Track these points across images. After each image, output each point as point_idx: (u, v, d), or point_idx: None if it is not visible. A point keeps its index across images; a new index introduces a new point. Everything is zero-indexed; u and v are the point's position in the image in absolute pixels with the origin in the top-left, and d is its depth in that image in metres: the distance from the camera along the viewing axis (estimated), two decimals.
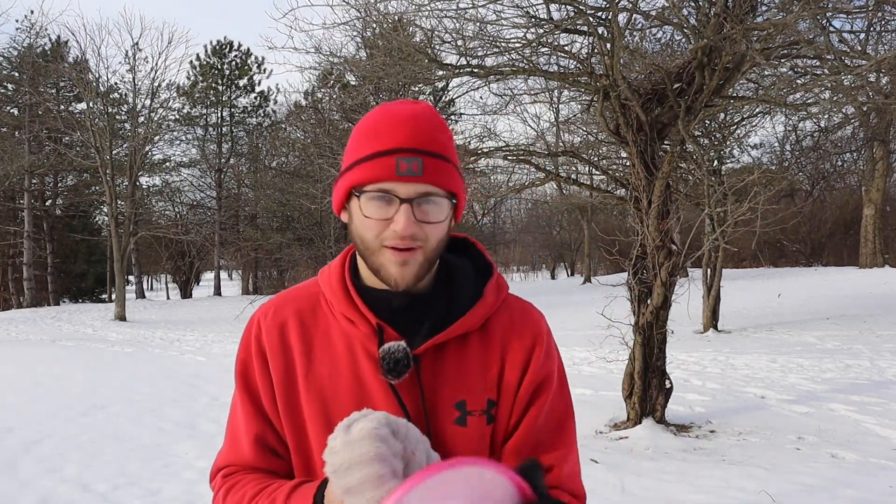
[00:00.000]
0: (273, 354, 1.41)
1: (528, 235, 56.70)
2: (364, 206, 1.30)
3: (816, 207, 35.10)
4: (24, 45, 34.43)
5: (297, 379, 1.39)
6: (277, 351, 1.41)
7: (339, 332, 1.40)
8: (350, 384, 1.36)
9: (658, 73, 6.87)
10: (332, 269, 1.46)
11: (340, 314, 1.40)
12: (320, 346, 1.41)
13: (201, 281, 53.79)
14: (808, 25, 7.13)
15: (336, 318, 1.41)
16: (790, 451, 6.24)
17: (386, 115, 1.34)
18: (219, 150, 41.35)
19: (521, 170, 17.00)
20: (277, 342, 1.42)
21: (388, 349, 1.31)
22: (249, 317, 1.52)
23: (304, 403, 1.38)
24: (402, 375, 1.30)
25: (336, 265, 1.46)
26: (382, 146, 1.29)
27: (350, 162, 1.34)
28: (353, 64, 11.34)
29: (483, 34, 7.96)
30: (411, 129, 1.30)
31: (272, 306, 1.48)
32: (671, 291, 7.00)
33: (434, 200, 1.30)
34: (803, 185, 33.15)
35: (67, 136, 30.54)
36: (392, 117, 1.32)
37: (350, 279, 1.41)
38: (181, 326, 22.46)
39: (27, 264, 34.28)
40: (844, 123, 15.86)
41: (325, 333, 1.42)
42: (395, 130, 1.30)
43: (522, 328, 1.45)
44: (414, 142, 1.29)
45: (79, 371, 11.68)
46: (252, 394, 1.44)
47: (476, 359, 1.39)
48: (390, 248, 1.29)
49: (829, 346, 12.37)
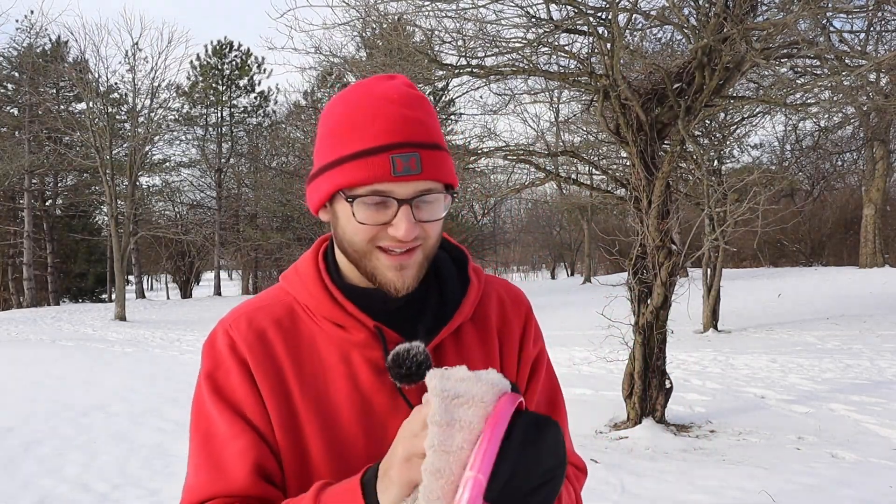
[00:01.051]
0: (257, 364, 1.22)
1: (529, 235, 56.73)
2: (357, 210, 1.14)
3: (816, 207, 35.11)
4: (24, 45, 34.45)
5: (292, 392, 1.21)
6: (262, 360, 1.22)
7: (326, 340, 1.24)
8: (349, 395, 1.21)
9: (658, 72, 6.87)
10: (304, 271, 1.29)
11: (325, 320, 1.24)
12: (308, 357, 1.23)
13: (201, 281, 53.81)
14: (808, 25, 7.14)
15: (320, 324, 1.24)
16: (790, 450, 6.24)
17: (366, 98, 1.18)
18: (219, 149, 41.38)
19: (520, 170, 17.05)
20: (260, 351, 1.23)
21: (407, 352, 1.16)
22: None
23: (305, 422, 1.20)
24: (421, 380, 1.12)
25: (307, 266, 1.30)
26: (373, 141, 1.14)
27: (333, 158, 1.17)
28: (352, 64, 11.33)
29: (483, 34, 7.96)
30: (402, 118, 1.15)
31: (242, 315, 1.27)
32: (671, 291, 7.00)
33: (433, 198, 1.17)
34: (803, 184, 33.18)
35: (67, 136, 30.53)
36: (375, 102, 1.17)
37: (331, 280, 1.26)
38: (181, 326, 22.46)
39: (27, 264, 34.29)
40: (844, 123, 15.88)
41: (311, 343, 1.24)
42: (383, 120, 1.15)
43: (514, 307, 1.38)
44: (408, 133, 1.14)
45: (79, 371, 11.68)
46: (236, 409, 1.21)
47: (475, 348, 1.30)
48: (385, 252, 1.17)
49: (829, 345, 12.37)
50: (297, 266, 1.32)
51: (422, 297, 1.27)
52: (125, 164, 28.43)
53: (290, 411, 1.21)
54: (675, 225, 7.41)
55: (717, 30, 6.27)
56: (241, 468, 1.17)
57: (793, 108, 8.69)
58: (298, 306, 1.28)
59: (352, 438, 1.20)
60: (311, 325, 1.25)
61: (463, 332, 1.30)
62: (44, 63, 32.94)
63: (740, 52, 6.23)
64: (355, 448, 1.20)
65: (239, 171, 42.25)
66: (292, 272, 1.32)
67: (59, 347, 15.52)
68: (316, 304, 1.24)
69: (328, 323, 1.24)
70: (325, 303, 1.23)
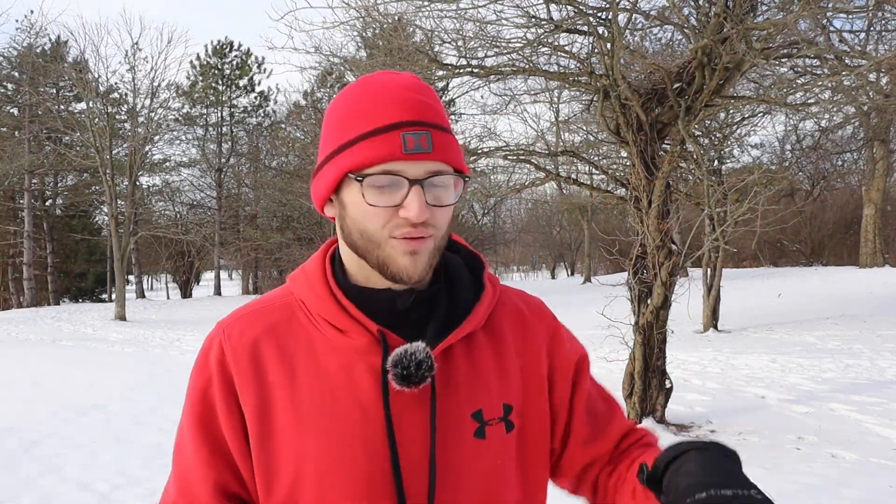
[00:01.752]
0: (244, 383, 1.17)
1: (529, 235, 56.76)
2: (367, 192, 1.10)
3: (817, 207, 35.11)
4: (24, 45, 34.45)
5: (278, 408, 1.15)
6: (249, 379, 1.17)
7: (326, 346, 1.17)
8: (351, 407, 1.14)
9: (658, 72, 6.87)
10: (310, 271, 1.24)
11: (326, 323, 1.18)
12: (304, 368, 1.17)
13: (201, 281, 53.83)
14: (808, 25, 7.13)
15: (320, 329, 1.19)
16: (790, 450, 6.24)
17: (374, 86, 1.16)
18: (219, 149, 41.37)
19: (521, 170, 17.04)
20: (248, 367, 1.18)
21: (405, 352, 1.11)
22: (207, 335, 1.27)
23: (294, 440, 1.14)
24: (422, 382, 1.10)
25: (315, 267, 1.25)
26: (383, 120, 1.11)
27: (339, 143, 1.15)
28: (352, 63, 11.34)
29: (483, 34, 7.97)
30: (412, 99, 1.13)
31: (236, 323, 1.23)
32: (671, 291, 7.00)
33: (444, 181, 1.13)
34: (803, 184, 33.16)
35: (67, 136, 30.54)
36: (383, 88, 1.15)
37: (335, 281, 1.21)
38: (181, 326, 22.47)
39: (27, 264, 34.29)
40: (845, 123, 15.88)
41: (309, 350, 1.18)
42: (392, 101, 1.13)
43: (535, 317, 1.34)
44: (418, 113, 1.12)
45: (79, 371, 11.68)
46: (211, 433, 1.19)
47: (488, 359, 1.23)
48: (399, 239, 1.12)
49: (829, 345, 12.37)
50: (305, 266, 1.28)
51: (431, 298, 1.21)
52: (125, 163, 28.44)
53: (271, 428, 1.15)
54: (676, 225, 7.40)
55: (717, 30, 6.27)
56: (205, 493, 1.17)
57: (793, 108, 8.69)
58: (301, 310, 1.22)
59: (350, 451, 1.13)
60: (310, 331, 1.20)
61: (475, 341, 1.23)
62: (43, 63, 32.94)
63: (740, 52, 6.23)
64: (355, 461, 1.13)
65: (239, 170, 42.25)
66: (299, 272, 1.28)
67: (59, 347, 15.53)
68: (319, 304, 1.19)
69: (329, 327, 1.18)
70: (329, 305, 1.18)
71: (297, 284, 1.25)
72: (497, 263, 57.62)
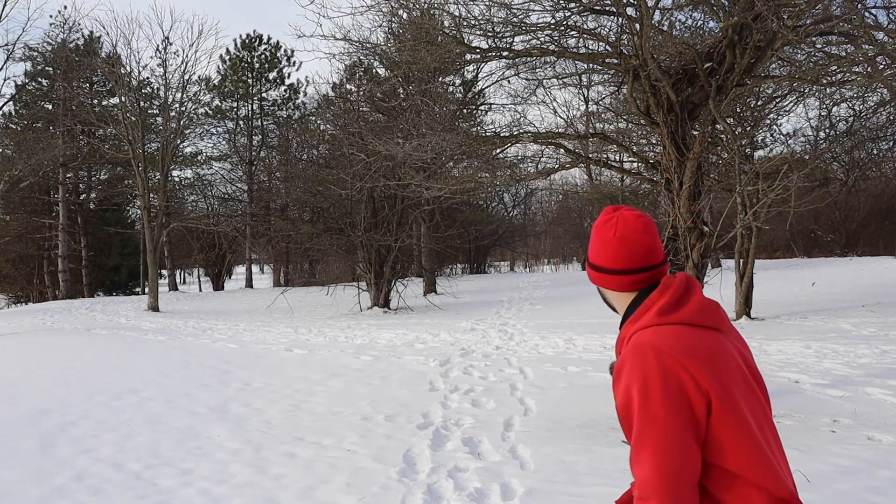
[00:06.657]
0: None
1: (559, 227, 56.48)
2: None
3: (851, 197, 34.60)
4: (58, 41, 34.86)
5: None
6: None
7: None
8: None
9: (688, 53, 6.80)
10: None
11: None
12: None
13: (233, 274, 54.24)
14: (840, 1, 7.01)
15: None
16: (825, 433, 6.16)
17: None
18: (249, 142, 41.60)
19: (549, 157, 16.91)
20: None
21: None
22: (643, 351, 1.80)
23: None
24: None
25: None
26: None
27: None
28: (381, 55, 11.36)
29: (511, 18, 7.93)
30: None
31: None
32: (703, 273, 6.93)
33: None
34: (837, 173, 32.67)
35: (101, 130, 30.87)
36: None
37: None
38: (213, 316, 22.66)
39: (62, 257, 34.80)
40: (879, 107, 15.57)
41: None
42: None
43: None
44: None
45: (112, 357, 11.84)
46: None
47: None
48: None
49: (864, 332, 12.18)
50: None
51: None
52: (157, 157, 28.72)
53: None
54: (707, 206, 7.33)
55: (749, 6, 6.18)
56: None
57: (825, 86, 8.55)
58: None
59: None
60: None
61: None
62: (77, 58, 33.32)
63: (772, 28, 6.14)
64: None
65: (269, 163, 42.46)
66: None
67: (93, 336, 15.73)
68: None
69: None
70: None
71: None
72: (528, 255, 57.44)
